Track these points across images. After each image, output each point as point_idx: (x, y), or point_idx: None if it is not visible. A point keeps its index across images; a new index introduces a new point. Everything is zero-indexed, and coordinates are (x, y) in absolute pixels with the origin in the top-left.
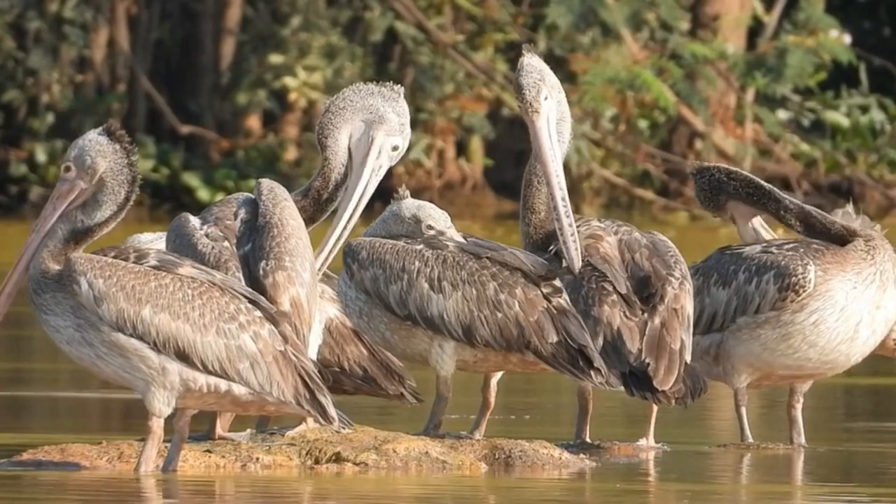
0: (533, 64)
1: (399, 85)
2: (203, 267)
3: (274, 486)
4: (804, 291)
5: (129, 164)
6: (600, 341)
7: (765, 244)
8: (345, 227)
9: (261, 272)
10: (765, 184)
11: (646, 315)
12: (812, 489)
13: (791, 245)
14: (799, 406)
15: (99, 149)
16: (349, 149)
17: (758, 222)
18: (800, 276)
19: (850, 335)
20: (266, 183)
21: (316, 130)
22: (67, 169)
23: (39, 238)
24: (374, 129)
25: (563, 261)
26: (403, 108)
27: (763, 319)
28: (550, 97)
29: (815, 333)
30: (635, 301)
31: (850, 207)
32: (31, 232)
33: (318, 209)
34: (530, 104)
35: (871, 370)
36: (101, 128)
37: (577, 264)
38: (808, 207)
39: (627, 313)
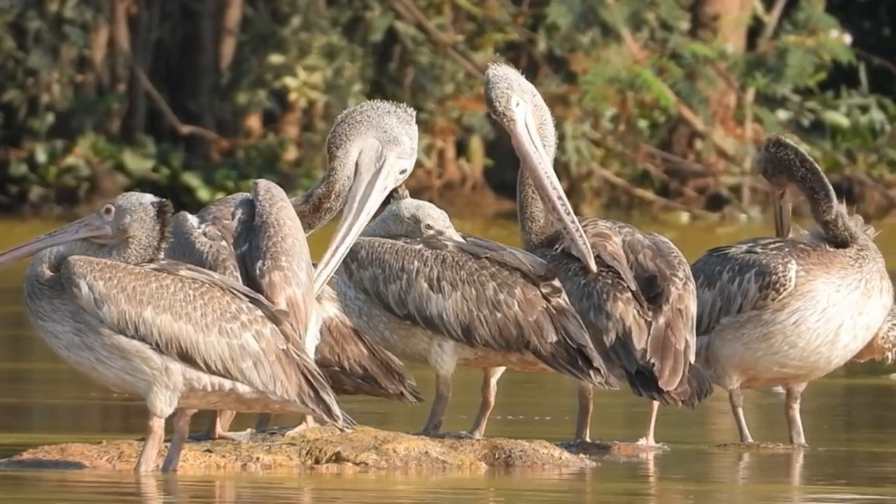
0: (499, 74)
1: (412, 109)
2: (201, 269)
3: (274, 486)
4: (784, 290)
5: (155, 247)
6: (611, 337)
7: (751, 244)
8: (346, 245)
9: (257, 272)
10: (827, 182)
11: (651, 315)
12: (812, 489)
13: (776, 244)
14: (796, 406)
15: (142, 216)
16: (356, 163)
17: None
18: (780, 275)
19: (831, 338)
20: (263, 183)
21: (328, 139)
22: (108, 211)
23: (52, 243)
24: (387, 149)
25: (570, 260)
26: (415, 132)
27: (745, 319)
28: (523, 102)
29: (795, 334)
30: (643, 300)
31: (843, 208)
32: (44, 233)
33: (316, 217)
34: (503, 114)
35: (873, 370)
36: (158, 200)
37: (592, 262)
38: (843, 213)
39: (640, 311)
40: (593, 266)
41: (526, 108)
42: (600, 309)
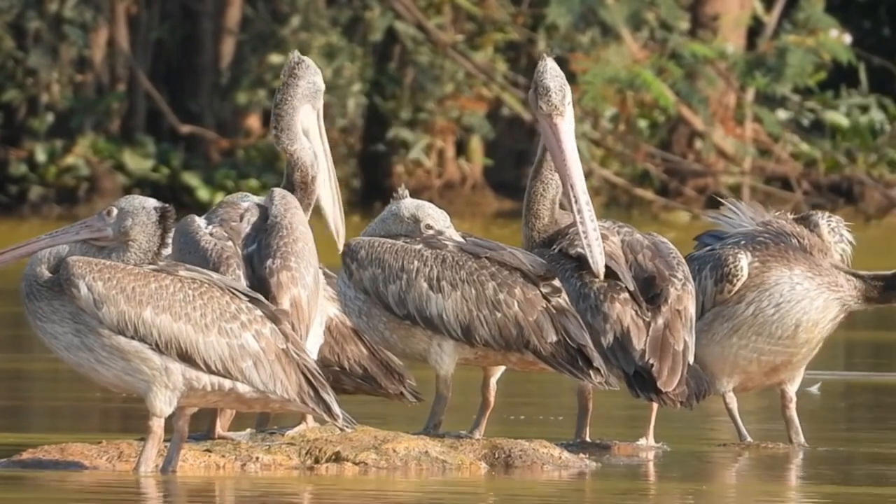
0: (557, 68)
1: (295, 54)
2: (200, 269)
3: (274, 486)
4: (737, 280)
5: (155, 252)
6: (609, 338)
7: (709, 248)
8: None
9: (266, 270)
10: None
11: (649, 316)
12: (812, 489)
13: (735, 239)
14: (792, 406)
15: (144, 220)
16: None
17: None
18: (731, 266)
19: (790, 333)
20: (279, 191)
21: (275, 138)
22: (109, 213)
23: (53, 243)
24: (315, 101)
25: (568, 260)
26: (312, 66)
27: (711, 318)
28: (571, 102)
29: (757, 324)
30: (642, 301)
31: (752, 203)
32: (44, 233)
33: (311, 194)
34: (556, 107)
35: (872, 367)
36: (160, 205)
37: (601, 267)
38: None
39: (638, 312)
40: (601, 274)
41: (572, 109)
42: (597, 310)
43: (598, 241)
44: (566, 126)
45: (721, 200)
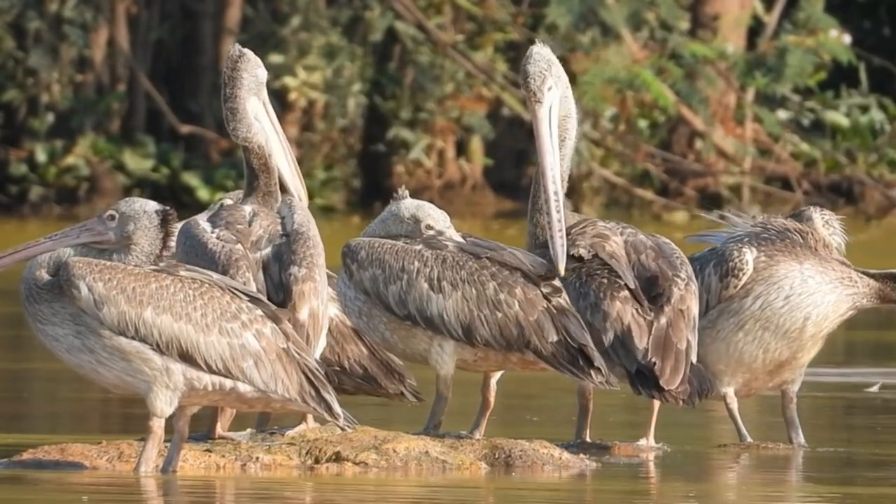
0: (542, 53)
1: (235, 49)
2: (200, 269)
3: (274, 486)
4: (743, 274)
5: (157, 255)
6: (610, 336)
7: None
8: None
9: (292, 277)
10: None
11: (652, 315)
12: (812, 489)
13: (738, 237)
14: (793, 406)
15: (146, 224)
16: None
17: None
18: (736, 260)
19: (799, 326)
20: (297, 201)
21: (232, 133)
22: (112, 217)
23: (52, 245)
24: (260, 92)
25: (567, 261)
26: (254, 58)
27: (716, 315)
28: (555, 88)
29: (764, 318)
30: (643, 299)
31: (738, 211)
32: (45, 233)
33: (272, 176)
34: (534, 93)
35: (872, 368)
36: (161, 208)
37: (562, 263)
38: None
39: (639, 310)
40: (562, 270)
41: (556, 95)
42: (597, 308)
43: (561, 234)
44: (542, 112)
45: (707, 216)
